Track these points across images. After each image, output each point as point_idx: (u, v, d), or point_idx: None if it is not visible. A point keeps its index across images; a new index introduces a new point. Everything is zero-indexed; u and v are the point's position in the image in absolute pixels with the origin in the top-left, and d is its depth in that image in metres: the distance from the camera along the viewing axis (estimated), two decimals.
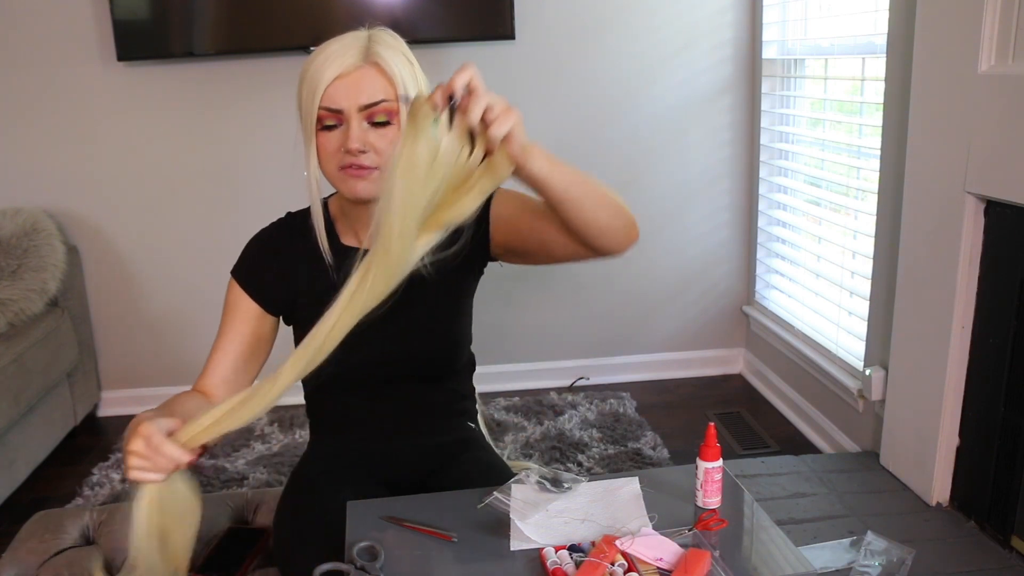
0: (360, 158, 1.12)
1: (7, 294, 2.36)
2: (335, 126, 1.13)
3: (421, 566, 1.01)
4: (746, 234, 2.94)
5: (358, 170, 1.13)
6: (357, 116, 1.11)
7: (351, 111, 1.11)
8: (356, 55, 1.11)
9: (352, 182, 1.14)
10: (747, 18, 2.76)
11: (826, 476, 2.04)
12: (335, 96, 1.11)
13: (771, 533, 1.09)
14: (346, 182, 1.15)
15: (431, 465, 1.36)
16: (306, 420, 1.45)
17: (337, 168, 1.14)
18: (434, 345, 1.30)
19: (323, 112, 1.12)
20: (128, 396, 2.88)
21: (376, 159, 1.13)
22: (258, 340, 1.26)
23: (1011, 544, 1.68)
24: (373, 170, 1.13)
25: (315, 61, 1.12)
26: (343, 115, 1.12)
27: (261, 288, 1.25)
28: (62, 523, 1.52)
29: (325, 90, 1.10)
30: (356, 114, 1.11)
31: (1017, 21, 1.55)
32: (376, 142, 1.12)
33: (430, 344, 1.29)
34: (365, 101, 1.11)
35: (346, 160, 1.13)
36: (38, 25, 2.58)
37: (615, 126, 2.78)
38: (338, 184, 1.17)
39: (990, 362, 1.72)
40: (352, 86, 1.11)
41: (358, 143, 1.11)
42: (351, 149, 1.11)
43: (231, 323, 1.25)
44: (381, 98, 1.12)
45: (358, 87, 1.11)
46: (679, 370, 3.04)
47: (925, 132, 1.82)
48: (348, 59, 1.11)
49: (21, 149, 2.68)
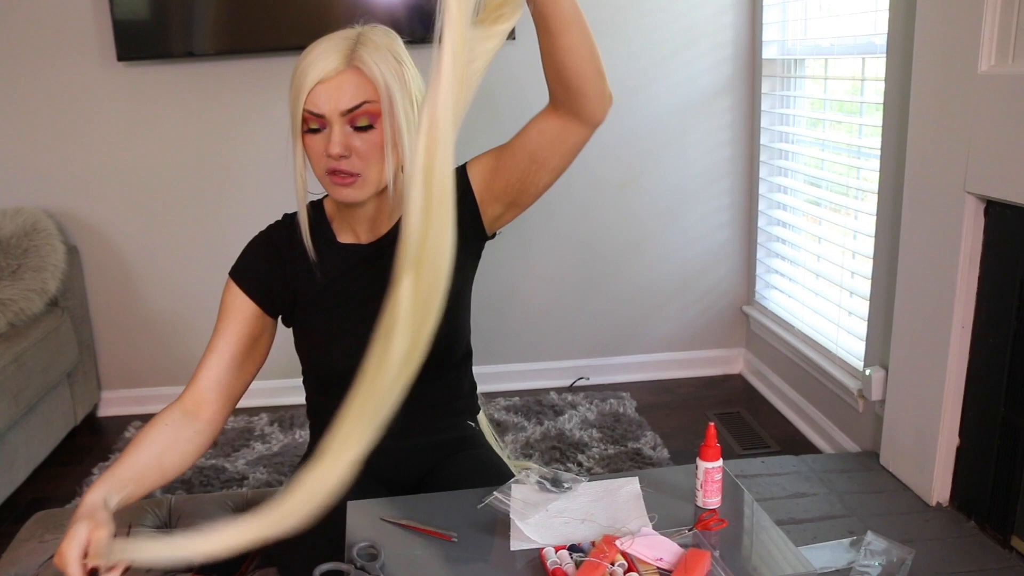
0: (342, 163, 1.13)
1: (7, 294, 2.36)
2: (319, 129, 1.14)
3: (421, 566, 1.01)
4: (746, 234, 2.94)
5: (342, 177, 1.14)
6: (339, 120, 1.12)
7: (333, 116, 1.12)
8: (338, 59, 1.12)
9: (337, 188, 1.16)
10: (747, 18, 2.76)
11: (826, 476, 2.04)
12: (317, 101, 1.11)
13: (771, 533, 1.09)
14: (332, 188, 1.17)
15: (429, 465, 1.36)
16: (306, 420, 1.45)
17: (323, 172, 1.16)
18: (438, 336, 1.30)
19: (307, 115, 1.13)
20: (128, 396, 2.89)
21: (359, 164, 1.14)
22: (253, 341, 1.26)
23: (1011, 544, 1.68)
24: (356, 177, 1.14)
25: (301, 63, 1.13)
26: (325, 119, 1.12)
27: (260, 287, 1.25)
28: (62, 523, 1.52)
29: (308, 94, 1.11)
30: (338, 119, 1.12)
31: (1017, 21, 1.55)
32: (359, 147, 1.13)
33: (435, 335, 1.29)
34: (346, 106, 1.11)
35: (330, 165, 1.14)
36: (38, 25, 2.58)
37: (615, 126, 2.78)
38: (326, 187, 1.18)
39: (990, 362, 1.72)
40: (334, 91, 1.11)
41: (338, 148, 1.12)
42: (332, 154, 1.12)
43: (226, 323, 1.25)
44: (362, 100, 1.12)
45: (339, 91, 1.11)
46: (679, 370, 3.04)
47: (925, 132, 1.82)
48: (330, 64, 1.11)
49: (21, 149, 2.68)
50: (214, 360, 1.23)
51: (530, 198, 1.22)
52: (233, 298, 1.25)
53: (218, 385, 1.23)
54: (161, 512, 1.56)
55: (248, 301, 1.25)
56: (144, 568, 1.00)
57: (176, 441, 1.17)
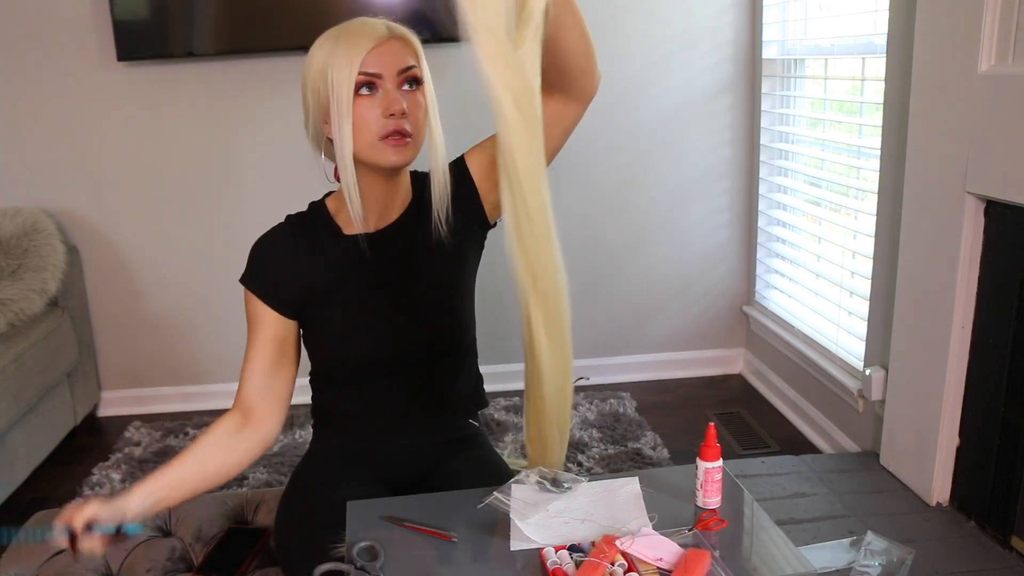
0: (402, 122, 1.16)
1: (7, 294, 2.36)
2: (370, 93, 1.16)
3: (421, 566, 1.01)
4: (746, 234, 2.94)
5: (399, 138, 1.16)
6: (395, 80, 1.16)
7: (389, 75, 1.16)
8: (384, 29, 1.18)
9: (390, 151, 1.17)
10: (747, 18, 2.76)
11: (826, 476, 2.04)
12: (373, 63, 1.15)
13: (771, 533, 1.09)
14: (384, 151, 1.17)
15: (431, 463, 1.37)
16: (306, 420, 1.45)
17: (377, 137, 1.16)
18: (438, 323, 1.30)
19: (362, 77, 1.15)
20: (128, 396, 2.89)
21: (411, 125, 1.17)
22: (282, 344, 1.27)
23: (1011, 544, 1.68)
24: (409, 137, 1.18)
25: (346, 35, 1.16)
26: (382, 80, 1.16)
27: (274, 293, 1.25)
28: None
29: (364, 57, 1.14)
30: (394, 78, 1.16)
31: (1017, 21, 1.55)
32: (411, 108, 1.17)
33: (434, 321, 1.30)
34: (401, 65, 1.16)
35: (388, 127, 1.15)
36: (38, 25, 2.58)
37: (615, 126, 2.78)
38: (374, 155, 1.17)
39: (990, 362, 1.72)
40: (388, 53, 1.16)
41: (403, 104, 1.15)
42: (395, 111, 1.15)
43: (254, 332, 1.27)
44: (412, 63, 1.17)
45: (393, 54, 1.17)
46: (679, 370, 3.04)
47: (925, 132, 1.82)
48: (379, 31, 1.17)
49: (21, 149, 2.68)
50: (252, 368, 1.26)
51: None
52: (254, 307, 1.26)
53: (259, 392, 1.25)
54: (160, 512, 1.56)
55: (266, 308, 1.25)
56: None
57: (218, 448, 1.22)
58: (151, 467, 2.43)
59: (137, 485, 1.14)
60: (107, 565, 1.43)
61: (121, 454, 2.53)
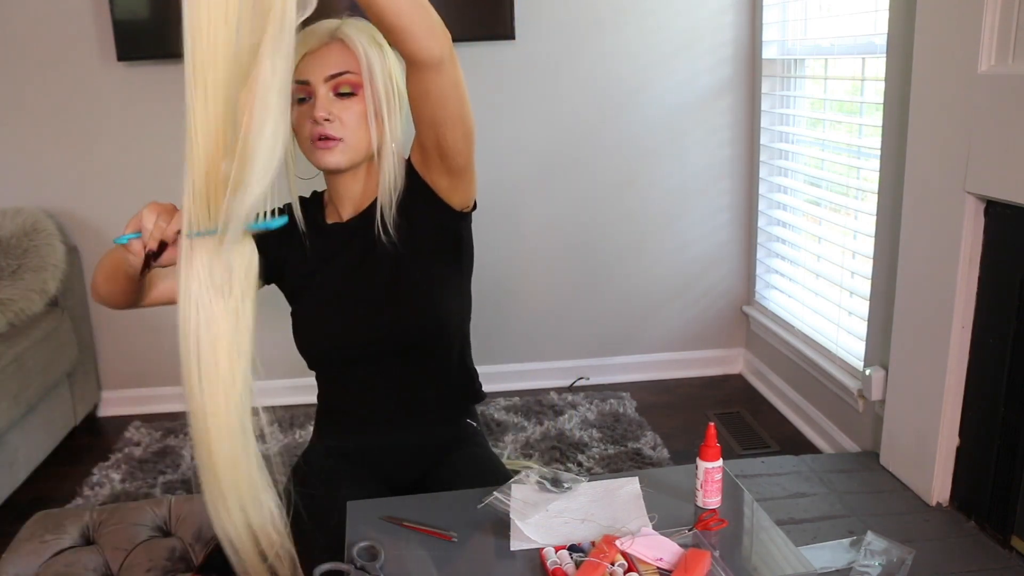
0: (326, 127, 1.20)
1: (7, 294, 2.36)
2: (305, 99, 1.21)
3: (421, 566, 1.02)
4: (746, 234, 2.94)
5: (325, 141, 1.21)
6: (323, 87, 1.20)
7: (317, 82, 1.20)
8: (323, 34, 1.21)
9: (320, 153, 1.22)
10: (747, 18, 2.76)
11: (826, 476, 2.04)
12: (303, 70, 1.20)
13: (771, 533, 1.09)
14: (315, 153, 1.23)
15: (429, 462, 1.37)
16: (306, 420, 1.46)
17: (307, 140, 1.22)
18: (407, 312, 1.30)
19: (295, 86, 1.18)
20: (128, 396, 2.88)
21: (341, 129, 1.21)
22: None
23: (1011, 544, 1.68)
24: (338, 140, 1.21)
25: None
26: (311, 87, 1.20)
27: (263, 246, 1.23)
28: (62, 523, 1.52)
29: (296, 66, 1.18)
30: (322, 84, 1.20)
31: (1017, 21, 1.55)
32: (341, 113, 1.20)
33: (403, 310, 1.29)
34: (329, 72, 1.20)
35: (315, 131, 1.21)
36: (38, 25, 2.58)
37: (615, 126, 2.78)
38: (309, 156, 1.25)
39: (990, 362, 1.72)
40: (318, 60, 1.20)
41: (323, 111, 1.19)
42: (317, 117, 1.19)
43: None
44: (344, 69, 1.20)
45: (324, 60, 1.20)
46: (679, 370, 3.04)
47: (925, 132, 1.82)
48: (315, 38, 1.22)
49: (21, 149, 2.68)
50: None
51: (459, 157, 1.21)
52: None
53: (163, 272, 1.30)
54: (160, 512, 1.56)
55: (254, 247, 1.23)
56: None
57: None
58: (151, 467, 2.43)
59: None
60: (107, 565, 1.43)
61: (121, 454, 2.53)
